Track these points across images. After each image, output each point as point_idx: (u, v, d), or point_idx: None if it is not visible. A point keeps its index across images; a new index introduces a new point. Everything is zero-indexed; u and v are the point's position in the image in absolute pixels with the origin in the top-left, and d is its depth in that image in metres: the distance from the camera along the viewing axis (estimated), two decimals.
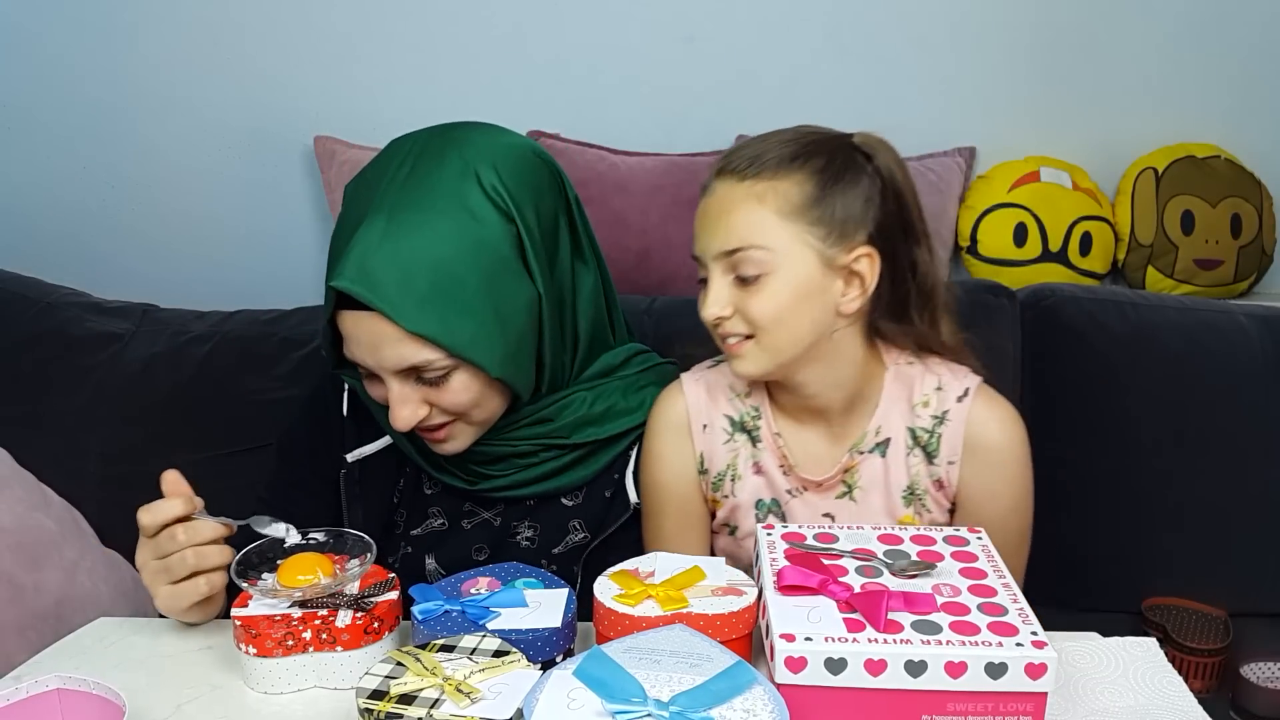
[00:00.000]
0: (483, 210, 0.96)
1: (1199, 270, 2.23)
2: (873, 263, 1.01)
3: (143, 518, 0.92)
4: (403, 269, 0.93)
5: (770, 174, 0.99)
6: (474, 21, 2.36)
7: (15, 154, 2.48)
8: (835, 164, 1.00)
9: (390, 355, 0.96)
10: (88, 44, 2.41)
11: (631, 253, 2.21)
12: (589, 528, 1.12)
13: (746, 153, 1.01)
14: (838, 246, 0.99)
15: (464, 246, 0.95)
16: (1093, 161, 2.33)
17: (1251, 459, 1.49)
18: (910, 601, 0.81)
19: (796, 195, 0.98)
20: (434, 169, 0.97)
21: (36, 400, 1.55)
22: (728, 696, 0.71)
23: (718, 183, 1.02)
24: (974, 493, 1.07)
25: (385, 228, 0.94)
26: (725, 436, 1.12)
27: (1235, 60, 2.28)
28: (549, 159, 1.05)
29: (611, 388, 1.11)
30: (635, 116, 2.38)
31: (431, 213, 0.95)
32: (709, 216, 1.02)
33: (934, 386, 1.07)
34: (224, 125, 2.45)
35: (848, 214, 0.99)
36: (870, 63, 2.34)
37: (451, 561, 1.13)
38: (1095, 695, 0.88)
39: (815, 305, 1.00)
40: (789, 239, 0.98)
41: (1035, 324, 1.54)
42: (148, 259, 2.50)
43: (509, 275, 0.99)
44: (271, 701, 0.90)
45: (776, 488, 1.11)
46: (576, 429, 1.09)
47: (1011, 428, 1.07)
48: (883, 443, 1.08)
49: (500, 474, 1.10)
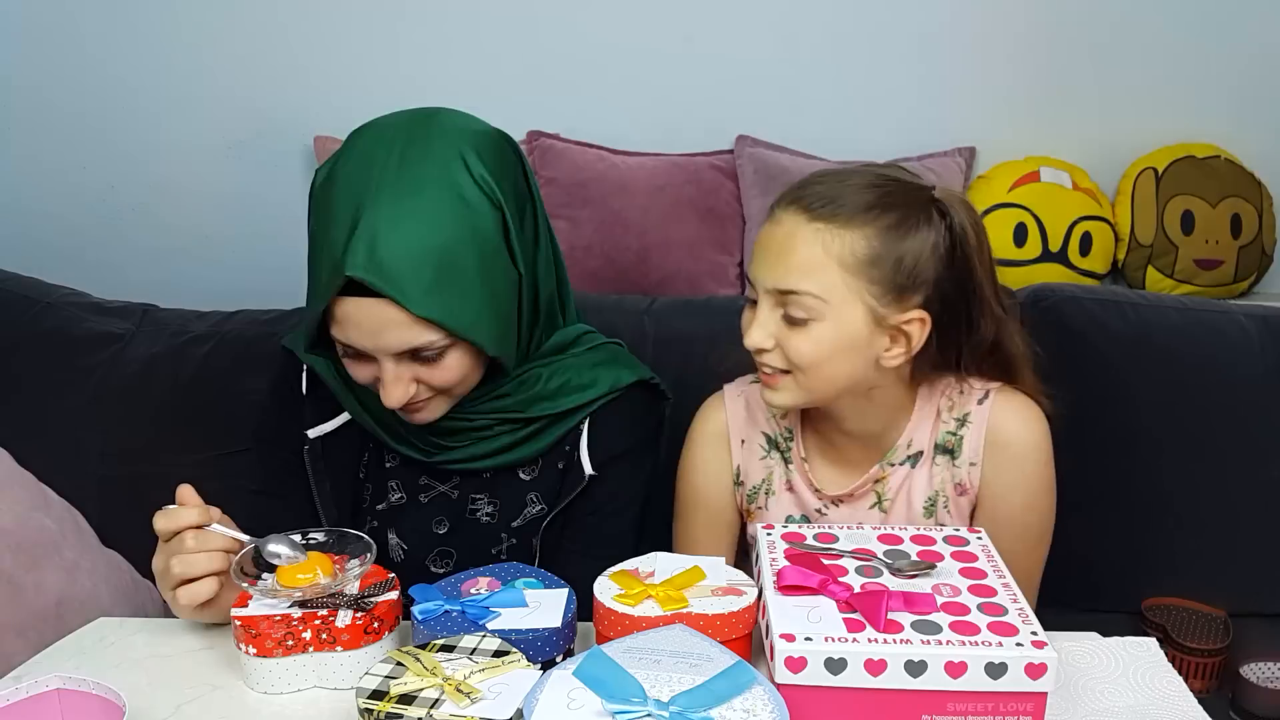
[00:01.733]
0: (474, 197, 0.99)
1: (1199, 270, 2.23)
2: (923, 326, 1.00)
3: (158, 522, 0.94)
4: (411, 256, 0.95)
5: (843, 222, 0.97)
6: (474, 21, 2.36)
7: (15, 154, 2.48)
8: (907, 221, 0.98)
9: (393, 339, 0.98)
10: (87, 44, 2.41)
11: (631, 253, 2.21)
12: (545, 500, 1.14)
13: (822, 190, 0.99)
14: (892, 307, 0.98)
15: (462, 233, 0.98)
16: (1093, 161, 2.33)
17: (1251, 459, 1.49)
18: (910, 601, 0.81)
19: (863, 249, 0.97)
20: (423, 157, 0.99)
21: (36, 400, 1.55)
22: (728, 696, 0.71)
23: (786, 214, 1.00)
24: (993, 488, 1.08)
25: (390, 215, 0.96)
26: (762, 453, 1.14)
27: (1235, 60, 2.28)
28: (512, 141, 1.07)
29: (567, 364, 1.13)
30: (635, 116, 2.38)
31: (431, 200, 0.97)
32: (771, 247, 1.00)
33: (958, 391, 1.08)
34: (224, 125, 2.45)
35: (909, 275, 0.98)
36: (870, 63, 2.34)
37: (412, 535, 1.15)
38: (1095, 695, 0.88)
39: (857, 357, 1.00)
40: (845, 292, 0.97)
41: (1035, 324, 1.53)
42: (148, 259, 2.50)
43: (499, 258, 1.02)
44: (271, 701, 0.90)
45: (806, 505, 1.13)
46: (532, 403, 1.11)
47: (1032, 424, 1.08)
48: (915, 455, 1.09)
49: (457, 445, 1.11)
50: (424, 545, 1.15)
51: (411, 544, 1.15)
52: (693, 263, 2.26)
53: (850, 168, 1.04)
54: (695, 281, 2.27)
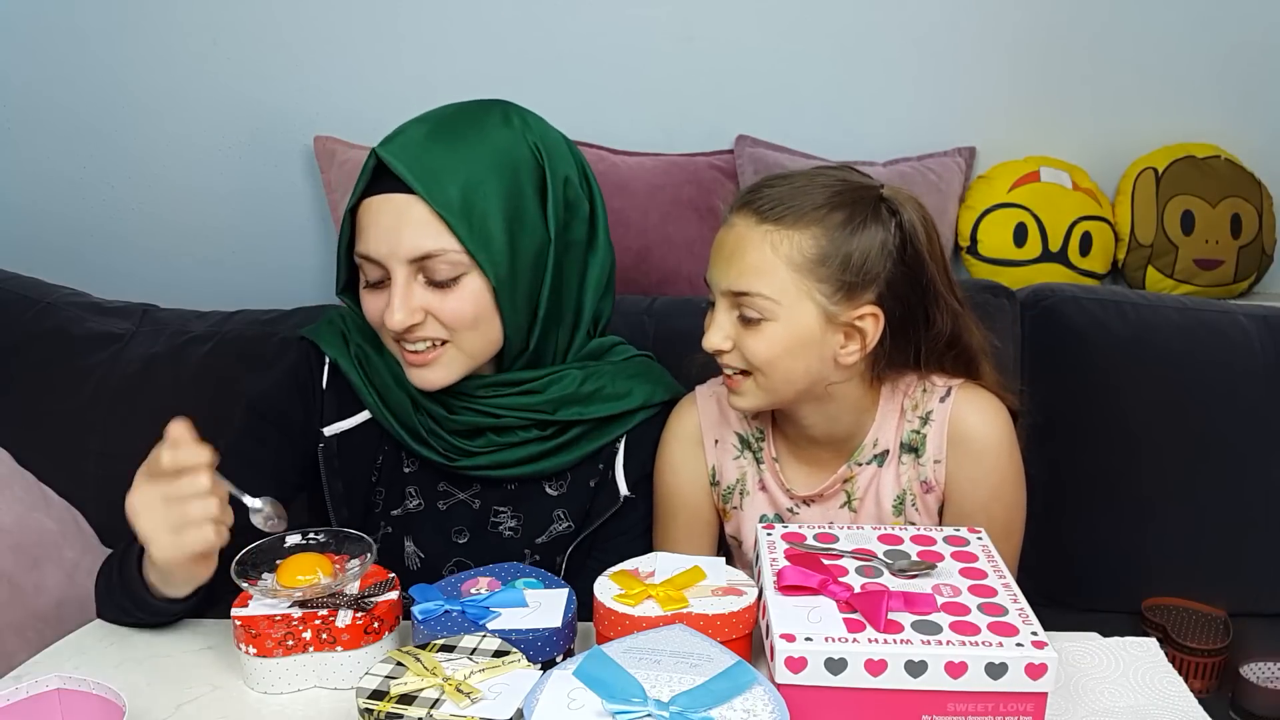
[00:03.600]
0: (518, 146, 1.04)
1: (1199, 270, 2.23)
2: (876, 322, 1.01)
3: (164, 457, 0.87)
4: (441, 160, 1.00)
5: (790, 223, 0.99)
6: (474, 21, 2.36)
7: (15, 154, 2.48)
8: (855, 220, 1.00)
9: (409, 238, 0.99)
10: (87, 44, 2.40)
11: (631, 253, 2.21)
12: (573, 517, 1.13)
13: (771, 194, 1.01)
14: (843, 304, 1.00)
15: (496, 164, 1.02)
16: (1093, 161, 2.32)
17: (1251, 459, 1.49)
18: (910, 601, 0.81)
19: (811, 249, 0.99)
20: (479, 110, 1.07)
21: (36, 400, 1.55)
22: (728, 696, 0.71)
23: (738, 217, 1.03)
24: (959, 485, 1.08)
25: (431, 130, 1.03)
26: (735, 453, 1.15)
27: (1235, 60, 2.28)
28: (576, 151, 1.11)
29: (602, 370, 1.13)
30: (635, 116, 2.38)
31: (473, 131, 1.03)
32: (724, 250, 1.03)
33: (920, 389, 1.09)
34: (224, 125, 2.44)
35: (859, 273, 0.99)
36: (870, 63, 2.33)
37: (431, 544, 1.13)
38: (1095, 695, 0.88)
39: (812, 355, 1.01)
40: (795, 291, 0.99)
41: (1035, 324, 1.54)
42: (148, 259, 2.50)
43: (529, 207, 1.04)
44: (271, 701, 0.90)
45: (779, 505, 1.13)
46: (562, 405, 1.10)
47: (992, 418, 1.08)
48: (881, 454, 1.09)
49: (480, 450, 1.10)
50: (442, 554, 1.13)
51: (430, 552, 1.13)
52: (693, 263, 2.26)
53: (800, 170, 1.05)
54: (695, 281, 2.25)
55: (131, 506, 0.89)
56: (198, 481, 0.87)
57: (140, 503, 0.89)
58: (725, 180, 2.31)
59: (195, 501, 0.87)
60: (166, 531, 0.88)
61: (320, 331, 1.15)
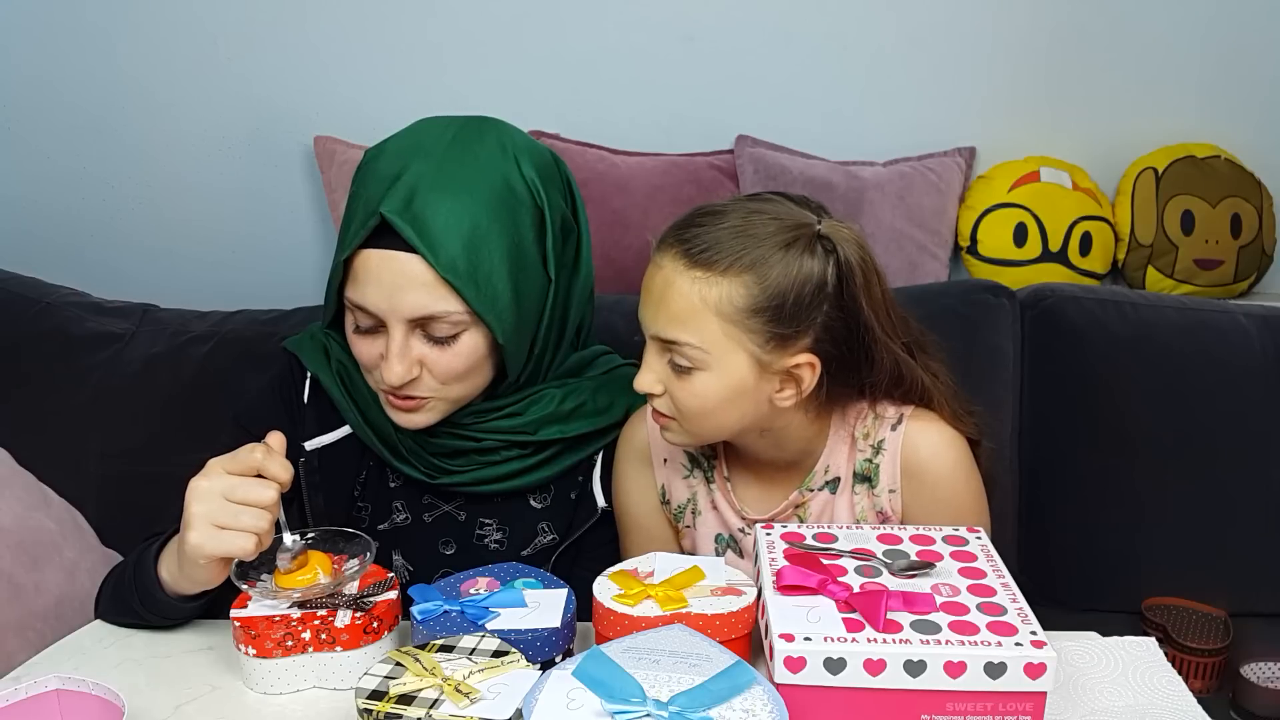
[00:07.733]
0: (520, 190, 1.00)
1: (1199, 270, 2.23)
2: (813, 370, 0.97)
3: (257, 455, 0.89)
4: (447, 217, 0.96)
5: (721, 270, 0.93)
6: (474, 21, 2.36)
7: (15, 154, 2.48)
8: (790, 264, 0.94)
9: (410, 300, 0.97)
10: (87, 44, 2.40)
11: (631, 253, 2.21)
12: (557, 529, 1.13)
13: (702, 236, 0.95)
14: (776, 353, 0.95)
15: (502, 214, 0.98)
16: (1093, 161, 2.33)
17: (1251, 459, 1.49)
18: (909, 601, 0.81)
19: (741, 299, 0.93)
20: (478, 141, 1.01)
21: (36, 400, 1.55)
22: (727, 696, 0.71)
23: (666, 259, 0.97)
24: (915, 515, 1.04)
25: (434, 177, 0.97)
26: (684, 472, 1.12)
27: (1235, 60, 2.28)
28: (562, 164, 1.09)
29: (582, 386, 1.12)
30: (635, 116, 2.38)
31: (476, 175, 0.98)
32: (653, 293, 0.98)
33: (871, 416, 1.05)
34: (223, 125, 2.44)
35: (792, 322, 0.94)
36: (870, 63, 2.34)
37: (418, 556, 1.13)
38: (1095, 695, 0.88)
39: (746, 403, 0.97)
40: (726, 341, 0.94)
41: (1035, 324, 1.54)
42: (147, 259, 2.50)
43: (531, 256, 1.02)
44: (271, 702, 0.90)
45: (730, 525, 1.10)
46: (543, 425, 1.09)
47: (944, 448, 1.03)
48: (832, 481, 1.06)
49: (461, 469, 1.09)
50: (430, 567, 1.12)
51: (417, 565, 1.13)
52: None
53: (732, 205, 0.98)
54: None
55: (193, 488, 0.89)
56: (265, 494, 0.89)
57: (204, 488, 0.89)
58: (725, 180, 2.31)
59: (252, 510, 0.89)
60: (212, 524, 0.88)
61: (303, 344, 1.13)
